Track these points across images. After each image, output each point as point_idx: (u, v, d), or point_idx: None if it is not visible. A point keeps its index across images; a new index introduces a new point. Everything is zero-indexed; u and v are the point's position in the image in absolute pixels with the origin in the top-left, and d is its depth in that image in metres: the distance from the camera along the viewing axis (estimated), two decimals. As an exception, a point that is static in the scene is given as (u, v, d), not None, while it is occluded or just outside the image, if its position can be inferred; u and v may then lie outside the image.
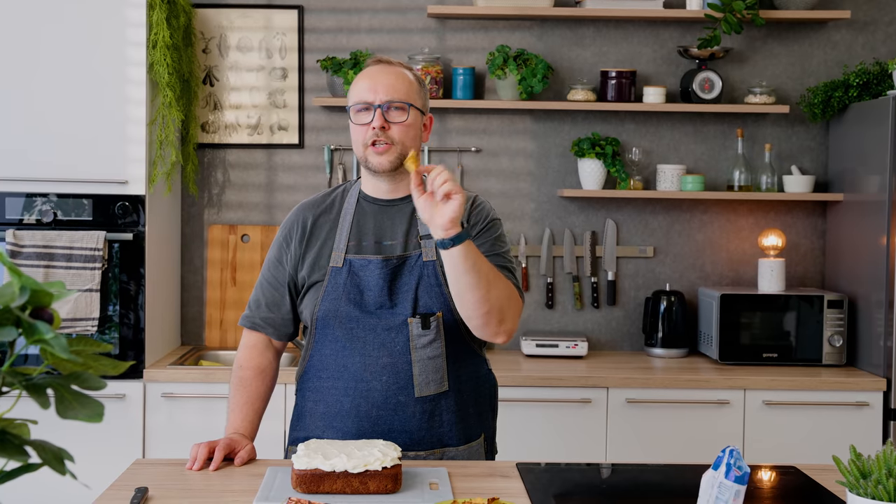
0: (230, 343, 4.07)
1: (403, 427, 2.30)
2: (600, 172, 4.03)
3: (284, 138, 4.14)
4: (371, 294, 2.31)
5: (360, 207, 2.39)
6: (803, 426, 3.62)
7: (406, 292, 2.30)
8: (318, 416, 2.36)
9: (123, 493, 2.01)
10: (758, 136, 4.19)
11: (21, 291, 1.04)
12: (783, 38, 4.19)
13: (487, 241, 2.34)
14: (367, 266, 2.31)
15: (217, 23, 4.12)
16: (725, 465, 1.68)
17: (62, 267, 3.50)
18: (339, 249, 2.34)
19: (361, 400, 2.30)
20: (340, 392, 2.33)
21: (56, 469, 1.05)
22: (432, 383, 2.31)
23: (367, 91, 2.31)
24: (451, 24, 4.15)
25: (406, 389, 2.30)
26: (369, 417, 2.30)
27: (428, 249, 2.32)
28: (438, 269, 2.31)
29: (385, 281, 2.30)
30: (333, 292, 2.32)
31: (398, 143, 2.30)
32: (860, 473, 1.70)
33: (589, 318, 4.19)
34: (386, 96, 2.30)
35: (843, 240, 4.02)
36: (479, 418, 2.42)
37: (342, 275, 2.32)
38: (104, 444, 3.44)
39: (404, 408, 2.30)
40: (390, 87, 2.31)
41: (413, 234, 2.35)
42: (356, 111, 2.32)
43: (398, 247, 2.34)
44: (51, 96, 3.57)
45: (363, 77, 2.34)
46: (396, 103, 2.30)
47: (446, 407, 2.33)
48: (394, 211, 2.38)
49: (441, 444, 2.33)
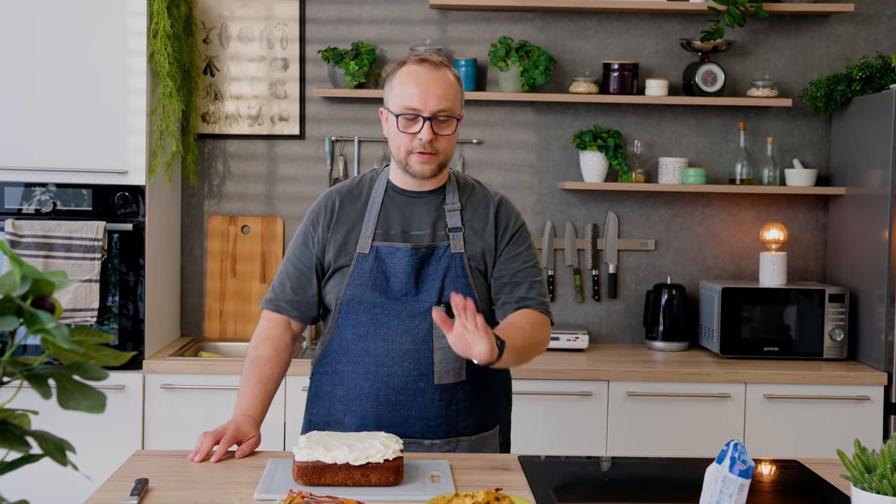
0: (230, 334, 4.06)
1: (421, 413, 2.33)
2: (602, 165, 4.02)
3: (285, 129, 4.13)
4: (397, 281, 2.33)
5: (388, 197, 2.41)
6: (804, 420, 3.61)
7: (432, 281, 2.33)
8: (337, 400, 2.38)
9: (124, 485, 2.00)
10: (760, 129, 4.17)
11: (22, 281, 1.03)
12: (786, 31, 4.18)
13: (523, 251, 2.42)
14: (395, 254, 2.34)
15: (218, 12, 4.10)
16: (730, 458, 1.67)
17: (62, 257, 3.49)
18: (366, 237, 2.36)
19: (381, 384, 2.33)
20: (360, 376, 2.34)
21: (57, 460, 1.04)
22: (451, 372, 2.34)
23: (417, 99, 2.28)
24: (453, 15, 4.13)
25: (426, 376, 2.32)
26: (388, 402, 2.33)
27: (456, 241, 2.36)
28: (466, 262, 2.36)
29: (412, 269, 2.33)
30: (359, 278, 2.34)
31: (442, 152, 2.32)
32: (865, 468, 1.69)
33: (590, 310, 4.18)
34: (436, 107, 2.28)
35: (845, 234, 4.01)
36: (493, 409, 2.45)
37: (369, 261, 2.35)
38: (103, 435, 3.43)
39: (423, 394, 2.32)
40: (441, 97, 2.28)
41: (441, 225, 2.38)
42: (405, 119, 2.30)
43: (426, 237, 2.37)
44: (50, 85, 3.55)
45: (411, 81, 2.29)
46: (445, 114, 2.30)
47: (463, 396, 2.36)
48: (421, 203, 2.40)
49: (456, 432, 2.36)
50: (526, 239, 2.43)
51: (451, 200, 2.40)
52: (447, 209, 2.38)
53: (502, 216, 2.42)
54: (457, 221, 2.38)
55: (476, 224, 2.39)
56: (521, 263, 2.39)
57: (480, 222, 2.40)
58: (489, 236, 2.39)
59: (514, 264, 2.39)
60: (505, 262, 2.39)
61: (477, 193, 2.44)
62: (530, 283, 2.39)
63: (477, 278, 2.36)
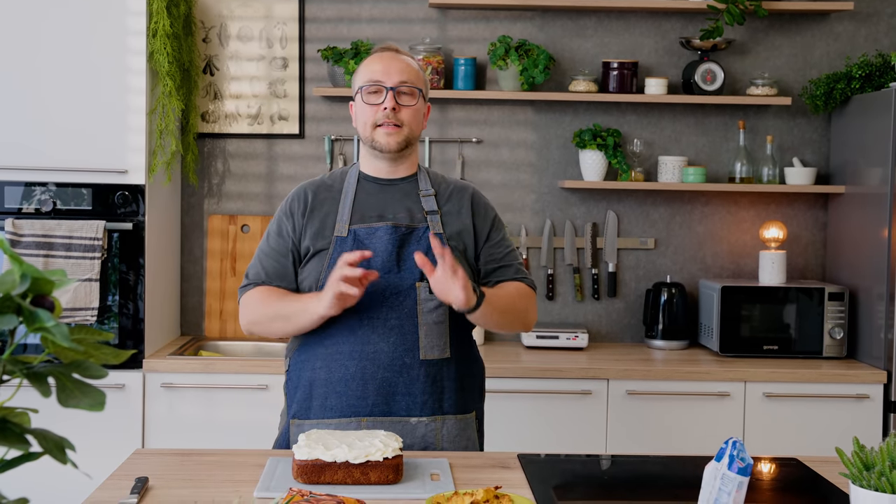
0: (230, 333, 4.06)
1: (408, 390, 2.35)
2: (601, 164, 4.02)
3: (285, 128, 4.13)
4: (378, 259, 2.36)
5: (361, 186, 2.46)
6: (803, 418, 3.62)
7: (413, 259, 2.34)
8: (320, 383, 2.38)
9: (124, 483, 2.01)
10: (759, 127, 4.17)
11: (22, 279, 1.03)
12: (785, 30, 4.18)
13: (504, 236, 2.51)
14: (375, 233, 2.38)
15: (217, 12, 4.10)
16: (728, 456, 1.67)
17: (61, 256, 3.49)
18: (343, 221, 2.40)
19: (367, 362, 2.35)
20: (345, 356, 2.36)
21: (57, 458, 1.04)
22: (436, 348, 2.37)
23: (380, 73, 2.41)
24: (452, 13, 4.13)
25: (412, 351, 2.35)
26: (375, 380, 2.34)
27: (434, 223, 2.42)
28: (445, 242, 2.40)
29: (393, 246, 2.37)
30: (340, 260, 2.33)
31: (406, 125, 2.41)
32: (863, 465, 1.69)
33: (589, 309, 4.18)
34: (399, 78, 2.40)
35: (845, 232, 4.01)
36: (472, 392, 2.48)
37: (347, 244, 2.38)
38: (103, 434, 3.43)
39: (409, 370, 2.35)
40: (402, 70, 2.42)
41: (417, 209, 2.43)
42: (368, 91, 2.41)
43: (403, 219, 2.42)
44: (50, 85, 3.55)
45: (374, 60, 2.44)
46: (408, 87, 2.40)
47: (447, 374, 2.39)
48: (395, 189, 2.46)
49: (441, 411, 2.38)
50: (503, 227, 2.55)
51: (424, 187, 2.48)
52: (422, 195, 2.45)
53: (479, 202, 2.51)
54: (433, 205, 2.44)
55: (451, 207, 2.47)
56: (505, 248, 2.50)
57: (456, 206, 2.47)
58: (466, 217, 2.46)
59: (499, 249, 2.49)
60: (492, 247, 2.48)
61: (448, 182, 2.53)
62: (517, 266, 2.51)
63: (458, 257, 2.40)
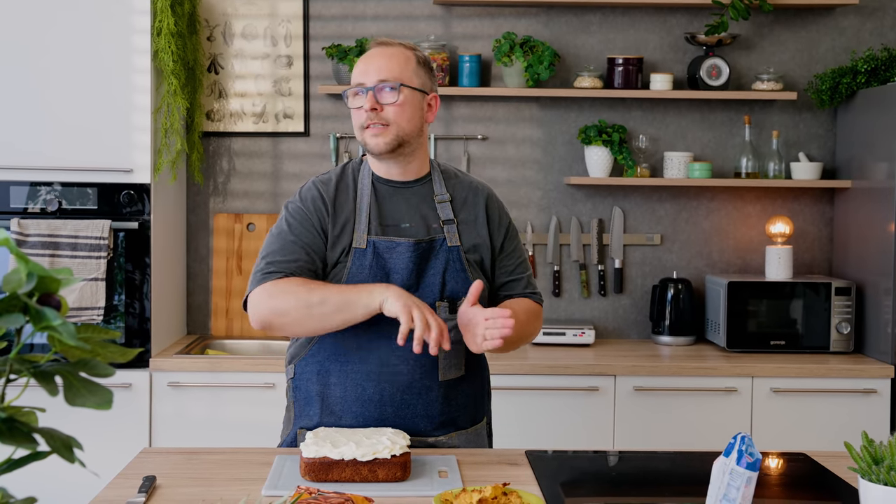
0: (236, 332, 4.06)
1: (426, 411, 2.30)
2: (607, 160, 4.01)
3: (290, 126, 4.13)
4: (398, 277, 2.27)
5: (376, 189, 2.35)
6: (811, 413, 3.61)
7: (433, 276, 2.30)
8: (334, 401, 2.29)
9: (131, 482, 2.01)
10: (765, 122, 4.16)
11: (28, 278, 1.03)
12: (791, 25, 4.17)
13: (517, 245, 2.45)
14: (395, 248, 2.28)
15: (222, 10, 4.10)
16: (737, 451, 1.67)
17: (67, 256, 3.49)
18: (361, 231, 2.29)
19: (386, 384, 2.27)
20: (362, 376, 2.27)
21: (65, 457, 1.04)
22: (453, 367, 2.33)
23: (361, 74, 2.31)
24: (457, 10, 4.13)
25: (432, 373, 2.30)
26: (393, 402, 2.28)
27: (451, 234, 2.34)
28: (463, 255, 2.33)
29: (414, 264, 2.28)
30: (359, 274, 2.26)
31: (393, 123, 2.28)
32: (872, 459, 1.69)
33: (596, 305, 4.17)
34: (378, 77, 2.28)
35: (851, 227, 4.00)
36: (482, 401, 2.45)
37: (367, 257, 2.27)
38: (110, 433, 3.43)
39: (428, 391, 2.29)
40: (381, 67, 2.28)
41: (432, 217, 2.35)
42: (352, 95, 2.32)
43: (420, 229, 2.33)
44: (55, 84, 3.55)
45: (360, 61, 2.33)
46: (388, 84, 2.28)
47: (462, 391, 2.35)
48: (409, 193, 2.37)
49: (455, 426, 2.35)
50: (517, 234, 2.47)
51: (439, 191, 2.38)
52: (437, 201, 2.36)
53: (493, 209, 2.42)
54: (448, 213, 2.35)
55: (467, 216, 2.38)
56: (517, 259, 2.43)
57: (471, 214, 2.38)
58: (482, 228, 2.38)
59: (511, 260, 2.42)
60: (505, 258, 2.42)
61: (462, 182, 2.43)
62: (527, 279, 2.45)
63: (474, 271, 2.34)
